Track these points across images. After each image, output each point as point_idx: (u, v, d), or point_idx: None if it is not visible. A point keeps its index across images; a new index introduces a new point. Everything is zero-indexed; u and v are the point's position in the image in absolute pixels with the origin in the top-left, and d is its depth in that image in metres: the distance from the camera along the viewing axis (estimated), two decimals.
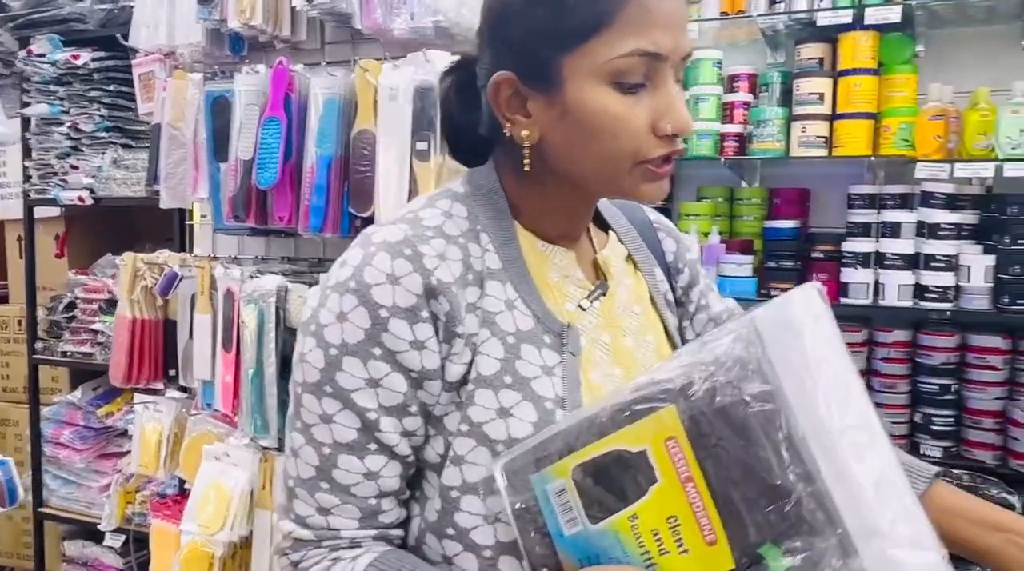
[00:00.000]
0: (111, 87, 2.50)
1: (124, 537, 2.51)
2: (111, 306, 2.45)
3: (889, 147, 1.98)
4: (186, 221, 2.40)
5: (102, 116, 2.49)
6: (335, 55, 2.07)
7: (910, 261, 1.95)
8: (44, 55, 2.51)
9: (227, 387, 1.99)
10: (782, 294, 0.63)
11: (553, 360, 0.77)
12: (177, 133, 2.09)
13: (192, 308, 2.13)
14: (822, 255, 2.07)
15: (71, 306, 2.63)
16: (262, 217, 1.93)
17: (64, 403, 2.67)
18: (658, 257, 0.96)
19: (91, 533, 2.61)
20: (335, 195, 1.84)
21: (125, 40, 2.27)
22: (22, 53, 2.57)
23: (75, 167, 2.52)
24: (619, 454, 0.64)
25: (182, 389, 2.26)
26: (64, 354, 2.62)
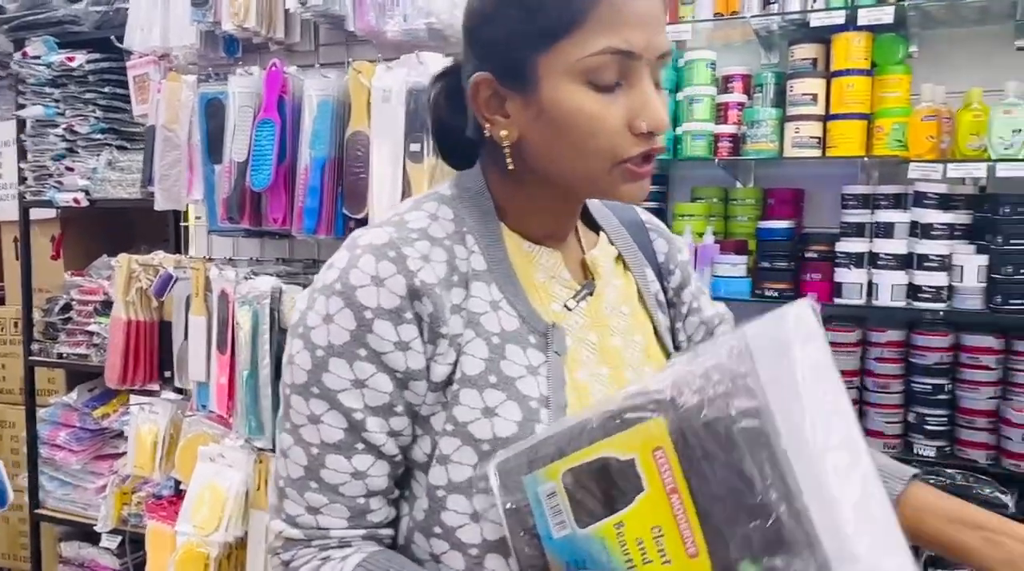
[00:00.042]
0: (106, 89, 2.51)
1: (120, 538, 2.51)
2: (107, 308, 2.46)
3: (882, 147, 1.98)
4: (181, 223, 2.41)
5: (97, 118, 2.50)
6: (329, 57, 2.07)
7: (903, 261, 1.95)
8: (39, 57, 2.52)
9: (222, 388, 2.00)
10: (776, 309, 0.62)
11: (538, 360, 0.78)
12: (171, 135, 2.09)
13: (187, 310, 2.13)
14: (816, 255, 2.07)
15: (67, 308, 2.64)
16: (256, 219, 1.93)
17: (60, 404, 2.67)
18: (649, 258, 0.96)
19: (87, 534, 2.62)
20: (329, 197, 1.85)
21: (120, 42, 2.28)
22: (17, 55, 2.58)
23: (70, 169, 2.53)
24: (608, 461, 0.64)
25: (177, 390, 2.26)
26: (60, 356, 2.63)
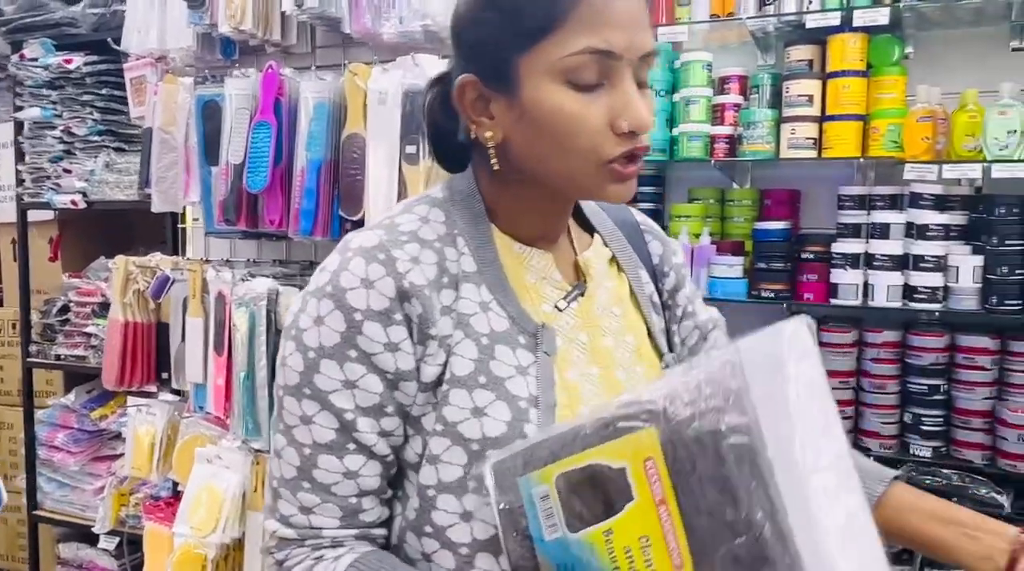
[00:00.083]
0: (103, 91, 2.52)
1: (118, 539, 2.51)
2: (104, 309, 2.46)
3: (878, 149, 1.98)
4: (178, 224, 2.41)
5: (95, 120, 2.50)
6: (326, 59, 2.08)
7: (899, 262, 1.95)
8: (37, 59, 2.53)
9: (219, 390, 2.00)
10: (771, 325, 0.63)
11: (528, 360, 0.78)
12: (168, 137, 2.10)
13: (184, 311, 2.14)
14: (812, 256, 2.07)
15: (65, 309, 2.64)
16: (253, 221, 1.94)
17: (58, 406, 2.68)
18: (644, 259, 0.97)
19: (85, 536, 2.62)
20: (325, 199, 1.85)
21: (116, 44, 2.28)
22: (15, 57, 2.58)
23: (68, 171, 2.53)
24: (600, 468, 0.65)
25: (175, 392, 2.27)
26: (58, 357, 2.63)
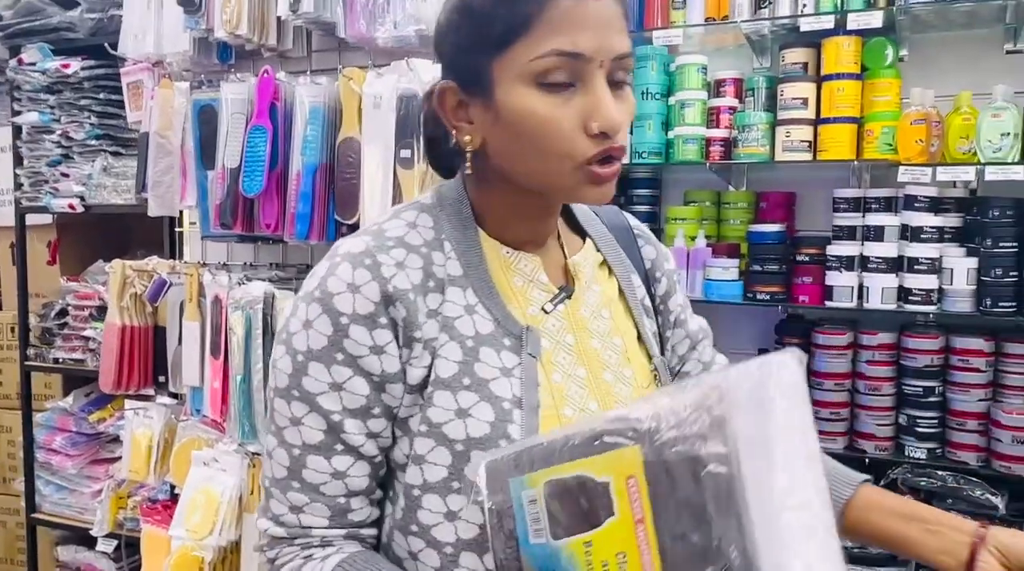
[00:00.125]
0: (101, 95, 2.52)
1: (116, 542, 2.52)
2: (102, 313, 2.47)
3: (872, 151, 1.99)
4: (176, 228, 2.42)
5: (92, 124, 2.51)
6: (322, 63, 2.09)
7: (894, 264, 1.96)
8: (35, 64, 2.53)
9: (215, 393, 2.01)
10: (763, 356, 0.63)
11: (512, 361, 0.80)
12: (164, 141, 2.11)
13: (181, 315, 2.14)
14: (807, 258, 2.07)
15: (63, 313, 2.65)
16: (249, 225, 1.95)
17: (56, 409, 2.68)
18: (636, 263, 0.98)
19: (84, 538, 2.63)
20: (320, 202, 1.86)
21: (114, 49, 2.29)
22: (13, 62, 2.59)
23: (66, 175, 2.54)
24: (586, 480, 0.66)
25: (172, 395, 2.27)
26: (56, 360, 2.64)
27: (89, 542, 2.60)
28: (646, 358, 0.92)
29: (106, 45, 2.38)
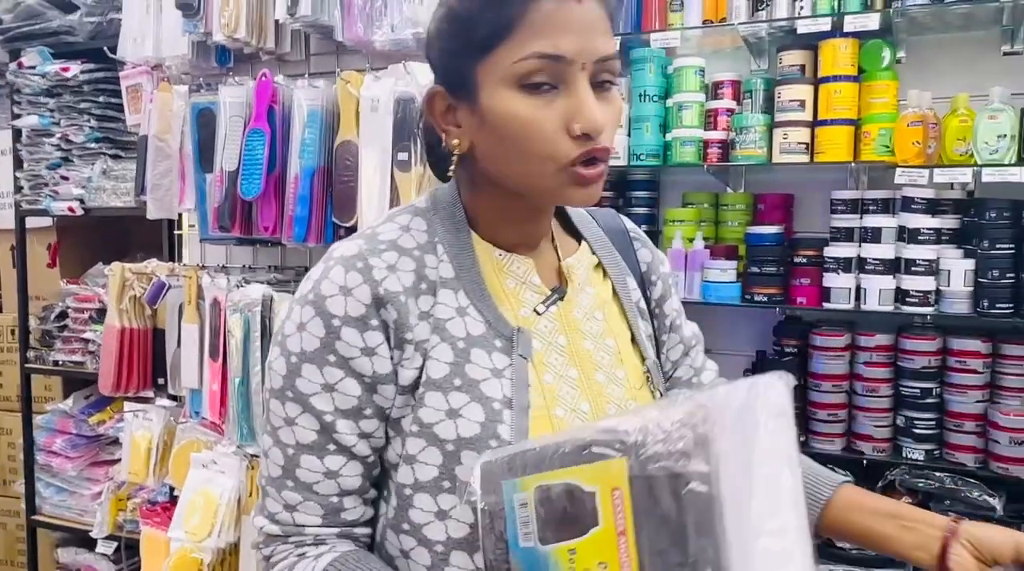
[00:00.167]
0: (100, 99, 2.53)
1: (116, 544, 2.53)
2: (102, 315, 2.47)
3: (869, 153, 1.99)
4: (175, 231, 2.43)
5: (92, 127, 2.52)
6: (320, 66, 2.09)
7: (891, 266, 1.96)
8: (34, 67, 2.54)
9: (214, 395, 2.01)
10: (752, 377, 0.64)
11: (503, 363, 0.80)
12: (163, 145, 2.11)
13: (180, 317, 2.15)
14: (805, 260, 2.07)
15: (63, 315, 2.65)
16: (247, 227, 1.95)
17: (56, 411, 2.69)
18: (632, 266, 0.98)
19: (84, 540, 2.63)
20: (318, 205, 1.86)
21: (113, 53, 2.30)
22: (13, 65, 2.60)
23: (65, 178, 2.55)
24: (574, 488, 0.66)
25: (171, 397, 2.28)
26: (56, 363, 2.64)
27: (89, 544, 2.60)
28: (639, 360, 0.92)
29: (105, 49, 2.39)
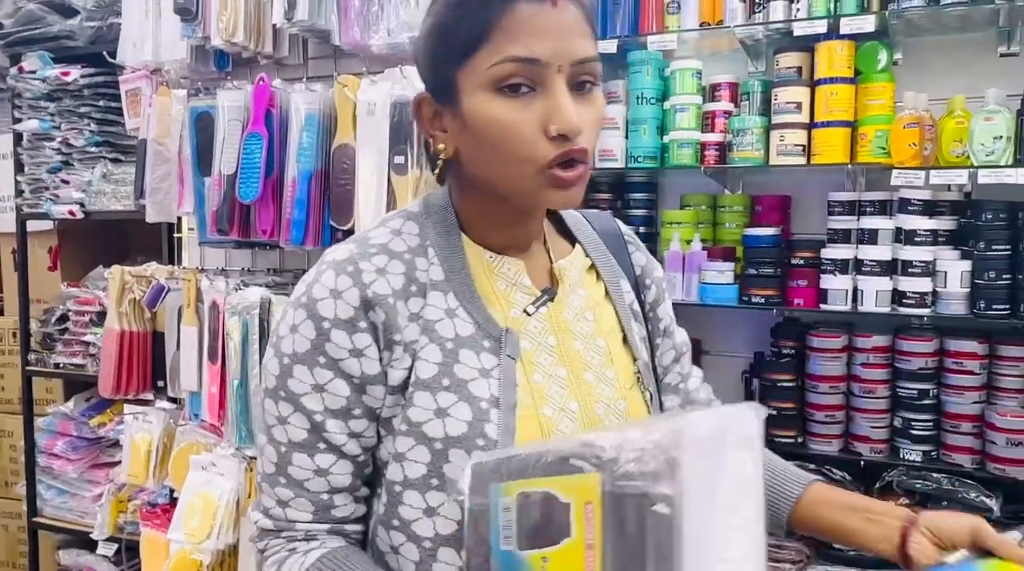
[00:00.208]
0: (100, 103, 2.54)
1: (117, 546, 2.53)
2: (103, 318, 2.48)
3: (866, 155, 1.99)
4: (175, 234, 2.44)
5: (92, 131, 2.53)
6: (318, 70, 2.10)
7: (888, 267, 1.96)
8: (35, 72, 2.55)
9: (213, 398, 2.02)
10: (726, 407, 0.65)
11: (491, 363, 0.82)
12: (162, 148, 2.12)
13: (179, 320, 2.16)
14: (802, 262, 2.08)
15: (63, 318, 2.66)
16: (245, 231, 1.96)
17: (57, 414, 2.70)
18: (626, 269, 0.99)
19: (85, 542, 2.64)
20: (316, 208, 1.87)
21: (112, 57, 2.31)
22: (14, 70, 2.61)
23: (66, 181, 2.56)
24: (552, 497, 0.68)
25: (171, 400, 2.29)
26: (57, 366, 2.65)
27: (90, 546, 2.61)
28: (631, 360, 0.93)
29: (105, 53, 2.40)
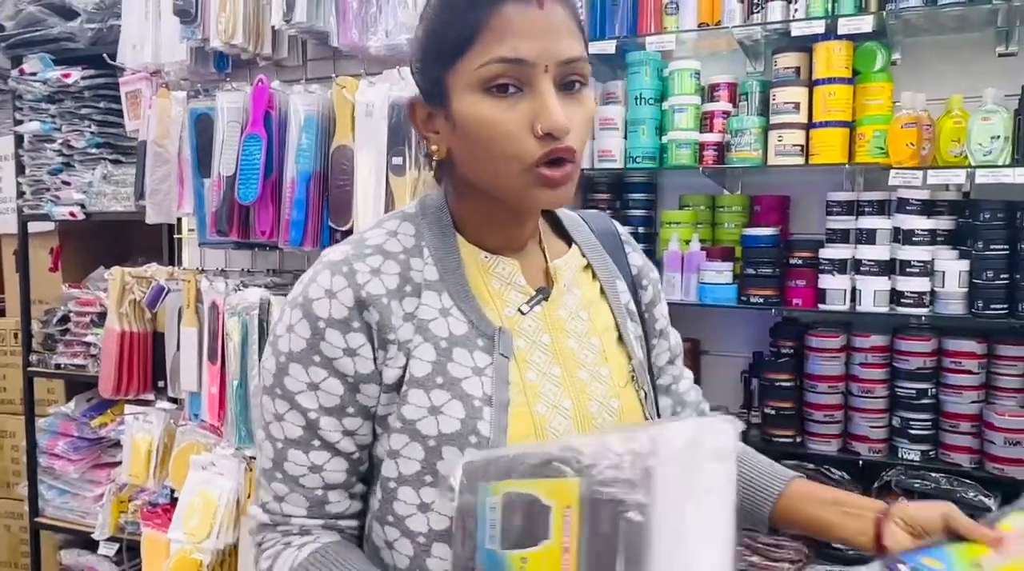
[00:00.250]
0: (101, 104, 2.55)
1: (118, 546, 2.54)
2: (103, 319, 2.48)
3: (864, 155, 1.99)
4: (175, 235, 2.44)
5: (92, 133, 2.53)
6: (317, 72, 2.11)
7: (886, 267, 1.96)
8: (36, 74, 2.56)
9: (213, 398, 2.03)
10: (701, 419, 0.66)
11: (484, 361, 0.83)
12: (162, 150, 2.13)
13: (179, 321, 2.16)
14: (800, 262, 2.08)
15: (65, 319, 2.67)
16: (244, 232, 1.97)
17: (59, 414, 2.70)
18: (622, 269, 1.00)
19: (86, 542, 2.65)
20: (314, 209, 1.88)
21: (112, 59, 2.31)
22: (15, 72, 2.62)
23: (67, 183, 2.57)
24: (534, 499, 0.69)
25: (171, 400, 2.29)
26: (58, 366, 2.66)
27: (91, 546, 2.62)
28: (626, 359, 0.94)
29: (105, 55, 2.41)
